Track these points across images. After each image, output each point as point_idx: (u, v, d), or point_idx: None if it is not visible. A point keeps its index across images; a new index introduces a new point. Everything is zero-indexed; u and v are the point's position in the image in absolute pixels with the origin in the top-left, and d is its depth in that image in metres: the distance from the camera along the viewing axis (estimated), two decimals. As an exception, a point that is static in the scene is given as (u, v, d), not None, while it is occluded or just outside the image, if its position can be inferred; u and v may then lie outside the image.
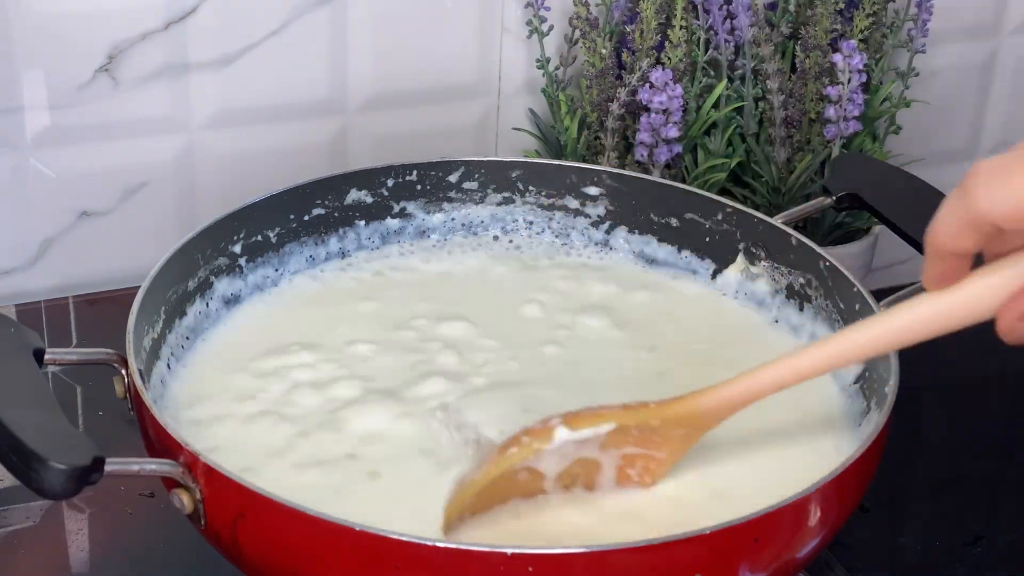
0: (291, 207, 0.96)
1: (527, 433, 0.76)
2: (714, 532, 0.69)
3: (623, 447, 0.77)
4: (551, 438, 0.75)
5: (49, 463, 0.68)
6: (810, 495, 0.72)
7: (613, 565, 0.68)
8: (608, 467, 0.77)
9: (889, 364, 0.81)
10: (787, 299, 0.93)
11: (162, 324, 0.87)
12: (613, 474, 0.77)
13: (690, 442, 0.78)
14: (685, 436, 0.78)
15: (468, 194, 1.01)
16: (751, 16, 1.12)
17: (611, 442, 0.76)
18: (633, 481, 0.78)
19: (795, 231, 0.93)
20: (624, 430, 0.76)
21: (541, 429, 0.76)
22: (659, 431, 0.77)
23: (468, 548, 0.67)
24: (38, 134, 1.09)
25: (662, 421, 0.77)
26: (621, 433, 0.76)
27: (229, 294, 0.93)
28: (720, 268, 0.96)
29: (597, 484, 0.77)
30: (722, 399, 0.77)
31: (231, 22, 1.10)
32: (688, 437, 0.78)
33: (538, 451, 0.75)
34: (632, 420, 0.76)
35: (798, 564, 0.74)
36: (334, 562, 0.70)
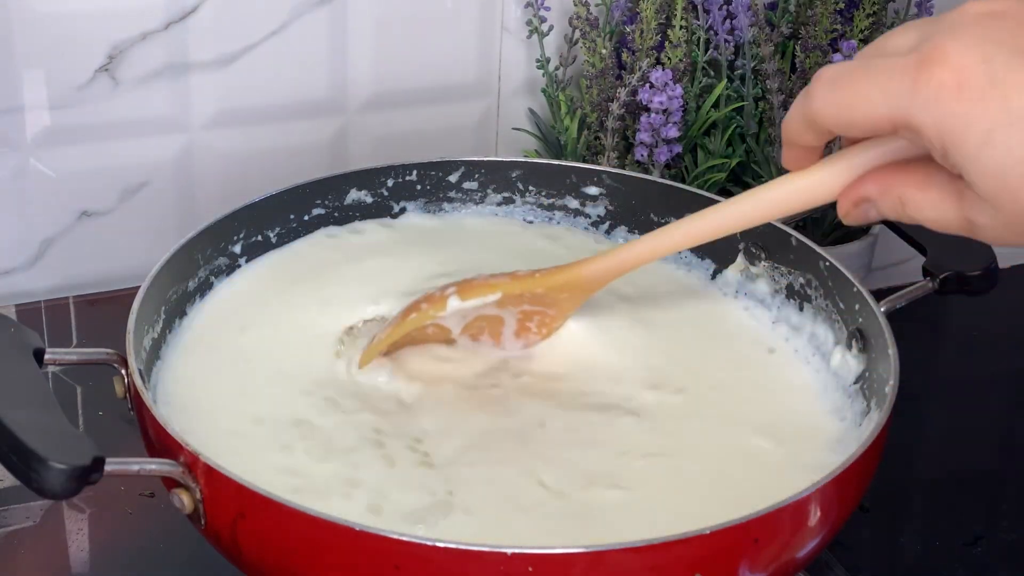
0: (291, 207, 0.96)
1: (425, 300, 0.85)
2: (714, 532, 0.69)
3: (518, 306, 0.85)
4: (445, 306, 0.84)
5: (49, 463, 0.68)
6: (810, 495, 0.72)
7: (613, 564, 0.68)
8: (508, 322, 0.86)
9: (889, 364, 0.81)
10: (787, 299, 0.93)
11: (162, 324, 0.87)
12: (514, 327, 0.87)
13: (576, 304, 0.86)
14: (570, 299, 0.86)
15: (468, 194, 1.01)
16: (751, 16, 1.12)
17: (506, 303, 0.85)
18: (532, 333, 0.87)
19: (795, 231, 0.93)
20: (515, 296, 0.84)
21: (438, 297, 0.85)
22: (546, 296, 0.85)
23: (468, 548, 0.67)
24: (38, 134, 1.09)
25: (546, 288, 0.85)
26: (513, 297, 0.84)
27: None
28: (720, 268, 0.96)
29: (501, 335, 0.87)
30: (601, 267, 0.84)
31: (231, 22, 1.10)
32: (573, 299, 0.86)
33: (434, 317, 0.84)
34: (518, 288, 0.85)
35: (798, 564, 0.74)
36: (334, 562, 0.70)
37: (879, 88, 0.64)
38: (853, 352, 0.86)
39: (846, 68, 0.66)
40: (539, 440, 0.82)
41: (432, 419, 0.83)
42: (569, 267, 0.85)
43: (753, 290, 0.95)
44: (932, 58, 0.62)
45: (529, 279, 0.85)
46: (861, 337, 0.86)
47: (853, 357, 0.86)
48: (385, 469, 0.79)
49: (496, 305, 0.85)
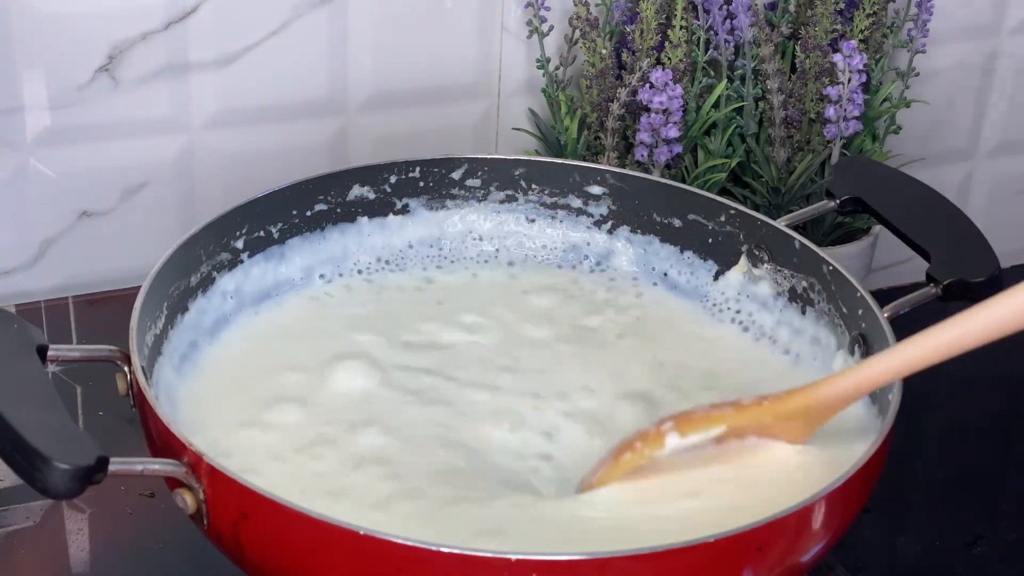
0: (294, 203, 0.96)
1: (641, 438, 0.78)
2: (717, 540, 0.69)
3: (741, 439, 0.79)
4: (663, 445, 0.77)
5: (53, 463, 0.68)
6: (813, 503, 0.71)
7: (617, 571, 0.68)
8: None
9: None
10: (789, 302, 0.93)
11: (164, 320, 0.87)
12: None
13: (809, 432, 0.79)
14: (803, 427, 0.79)
15: (471, 191, 1.01)
16: (751, 16, 1.12)
17: (730, 436, 0.78)
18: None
19: (797, 233, 0.92)
20: (740, 428, 0.78)
21: (654, 434, 0.78)
22: (775, 426, 0.79)
23: (471, 553, 0.67)
24: (38, 134, 1.09)
25: (774, 418, 0.78)
26: (738, 429, 0.78)
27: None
28: (723, 270, 0.96)
29: None
30: (835, 392, 0.78)
31: (231, 22, 1.10)
32: (806, 428, 0.79)
33: (651, 457, 0.77)
34: (744, 421, 0.78)
35: (801, 570, 0.74)
36: (336, 564, 0.70)
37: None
38: (856, 357, 0.86)
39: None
40: None
41: None
42: (801, 392, 0.79)
43: (755, 293, 0.94)
44: None
45: (757, 408, 0.79)
46: (864, 342, 0.86)
47: (856, 362, 0.86)
48: None
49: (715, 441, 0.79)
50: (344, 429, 0.83)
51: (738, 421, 0.78)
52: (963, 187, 1.33)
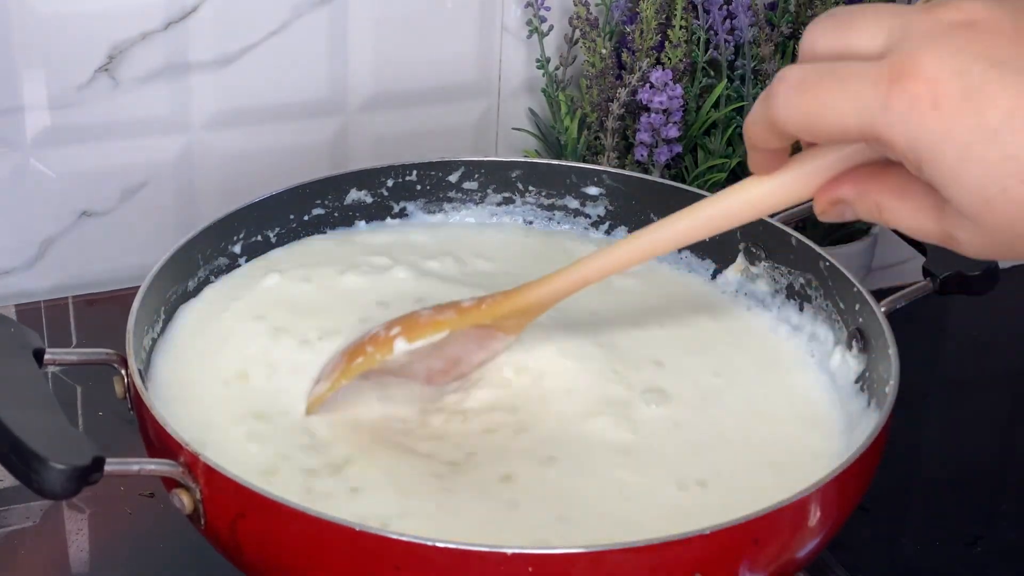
0: (291, 207, 0.96)
1: (370, 342, 0.83)
2: (714, 532, 0.69)
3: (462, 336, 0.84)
4: (392, 349, 0.82)
5: (49, 463, 0.68)
6: (810, 495, 0.72)
7: (613, 564, 0.68)
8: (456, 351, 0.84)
9: (889, 364, 0.81)
10: (787, 299, 0.93)
11: (162, 324, 0.87)
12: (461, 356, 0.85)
13: (522, 327, 0.84)
14: (517, 324, 0.84)
15: (468, 194, 1.01)
16: (751, 16, 1.12)
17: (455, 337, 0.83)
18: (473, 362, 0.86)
19: (795, 231, 0.93)
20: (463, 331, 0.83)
21: (383, 339, 0.82)
22: (494, 325, 0.83)
23: (468, 548, 0.67)
24: (38, 134, 1.09)
25: (492, 319, 0.83)
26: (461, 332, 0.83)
27: None
28: (720, 268, 0.96)
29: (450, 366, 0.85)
30: (547, 292, 0.82)
31: (231, 22, 1.10)
32: (520, 324, 0.84)
33: (381, 361, 0.82)
34: (466, 323, 0.83)
35: (798, 564, 0.74)
36: (334, 562, 0.70)
37: (848, 98, 0.61)
38: (853, 352, 0.86)
39: (812, 72, 0.63)
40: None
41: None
42: (516, 292, 0.83)
43: (753, 290, 0.95)
44: (905, 70, 0.59)
45: (475, 311, 0.83)
46: (861, 337, 0.86)
47: (853, 357, 0.86)
48: None
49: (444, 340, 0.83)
50: (336, 438, 0.83)
51: (460, 324, 0.83)
52: (964, 187, 1.33)
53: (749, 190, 0.71)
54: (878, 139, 0.61)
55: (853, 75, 0.61)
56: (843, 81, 0.61)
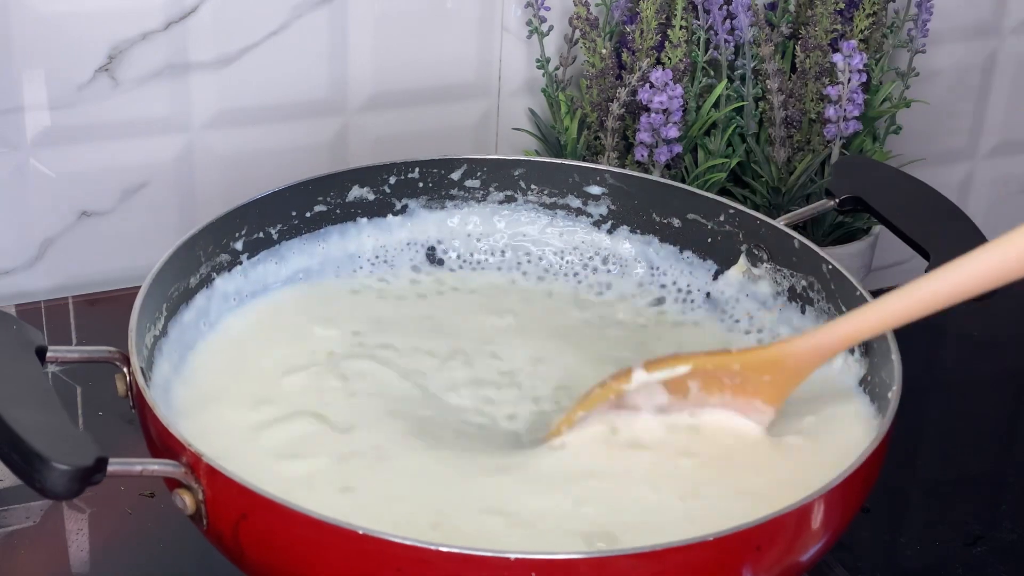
0: (293, 204, 0.96)
1: (611, 376, 0.81)
2: (717, 539, 0.68)
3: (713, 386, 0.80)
4: (630, 379, 0.80)
5: (52, 463, 0.68)
6: (812, 502, 0.71)
7: (616, 571, 0.68)
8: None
9: (892, 369, 0.81)
10: (789, 301, 0.93)
11: (164, 321, 0.87)
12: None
13: (783, 391, 0.80)
14: (776, 384, 0.80)
15: (470, 192, 1.01)
16: (751, 16, 1.12)
17: (698, 377, 0.80)
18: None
19: (797, 233, 0.93)
20: (707, 374, 0.80)
21: (622, 372, 0.80)
22: (744, 376, 0.79)
23: (470, 552, 0.67)
24: (38, 134, 1.09)
25: (742, 365, 0.79)
26: (708, 378, 0.80)
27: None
28: (722, 269, 0.96)
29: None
30: (806, 347, 0.79)
31: (231, 22, 1.10)
32: (779, 385, 0.80)
33: (618, 391, 0.80)
34: (710, 364, 0.80)
35: (800, 568, 0.74)
36: (336, 564, 0.70)
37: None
38: (855, 355, 0.86)
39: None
40: None
41: None
42: (772, 346, 0.80)
43: (755, 292, 0.95)
44: None
45: (726, 355, 0.80)
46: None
47: (855, 361, 0.86)
48: None
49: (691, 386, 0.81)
50: (340, 428, 0.83)
51: (705, 364, 0.80)
52: (963, 187, 1.34)
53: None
54: None
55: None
56: None
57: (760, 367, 0.80)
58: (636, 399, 0.81)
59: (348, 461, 0.80)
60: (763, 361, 0.80)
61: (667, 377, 0.80)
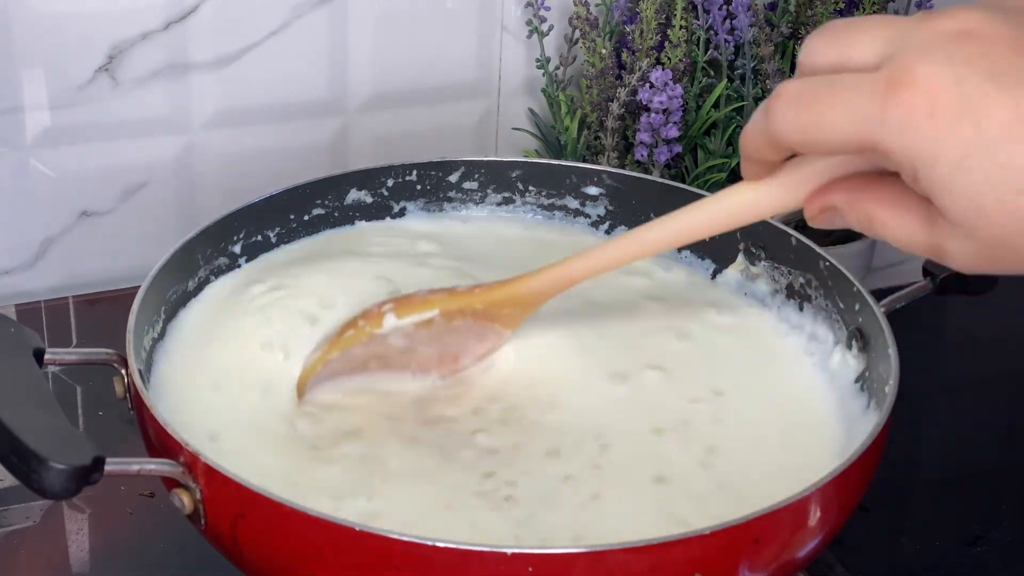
0: (291, 207, 0.96)
1: (362, 316, 0.84)
2: (713, 532, 0.69)
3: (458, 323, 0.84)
4: (382, 323, 0.83)
5: (49, 463, 0.68)
6: (810, 495, 0.71)
7: (613, 564, 0.68)
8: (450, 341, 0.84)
9: (889, 364, 0.81)
10: (787, 299, 0.93)
11: (162, 324, 0.87)
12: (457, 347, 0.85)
13: (518, 320, 0.84)
14: (512, 315, 0.84)
15: (468, 194, 1.01)
16: (751, 16, 1.12)
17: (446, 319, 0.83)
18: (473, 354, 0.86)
19: (795, 231, 0.93)
20: (453, 312, 0.83)
21: (375, 313, 0.83)
22: (485, 312, 0.84)
23: (468, 548, 0.67)
24: (38, 134, 1.09)
25: (486, 304, 0.83)
26: (452, 313, 0.83)
27: None
28: (720, 268, 0.96)
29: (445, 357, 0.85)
30: (542, 282, 0.82)
31: (231, 22, 1.11)
32: (515, 315, 0.84)
33: (371, 334, 0.83)
34: (456, 304, 0.83)
35: (798, 564, 0.74)
36: (334, 562, 0.70)
37: (845, 109, 0.61)
38: (853, 352, 0.86)
39: (809, 86, 0.63)
40: None
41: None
42: (509, 282, 0.83)
43: (753, 290, 0.95)
44: (902, 80, 0.59)
45: (468, 295, 0.84)
46: (861, 337, 0.86)
47: (853, 357, 0.86)
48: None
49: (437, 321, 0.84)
50: (333, 427, 0.83)
51: (451, 305, 0.83)
52: (964, 187, 1.33)
53: (741, 195, 0.72)
54: (875, 149, 0.60)
55: (850, 87, 0.61)
56: (840, 94, 0.61)
57: (501, 302, 0.83)
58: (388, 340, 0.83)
59: (351, 454, 0.80)
60: (503, 297, 0.83)
61: (417, 320, 0.83)
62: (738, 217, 0.73)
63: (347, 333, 0.84)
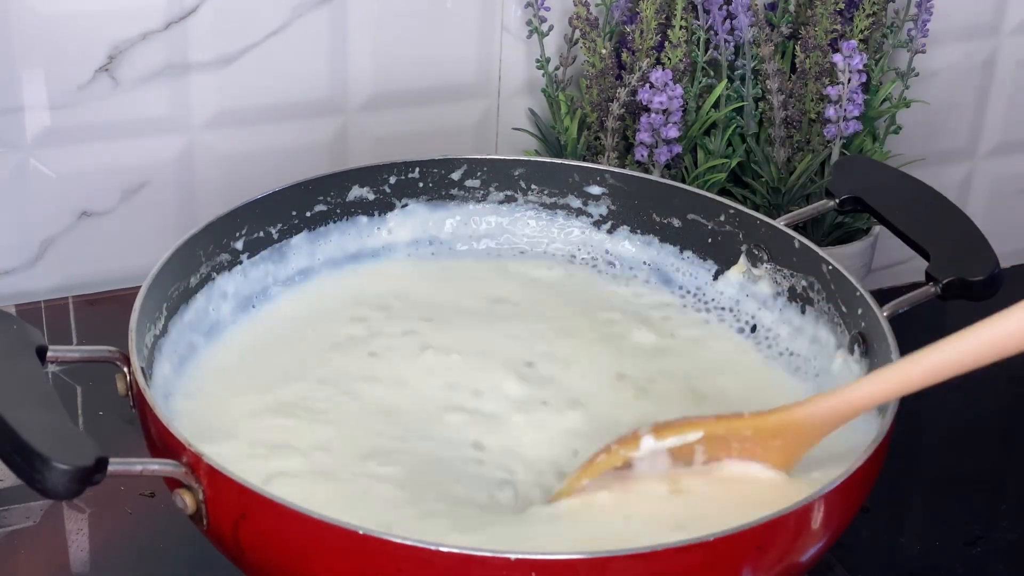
0: (293, 204, 0.96)
1: (617, 441, 0.77)
2: (717, 539, 0.69)
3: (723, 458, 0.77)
4: (638, 446, 0.76)
5: (53, 463, 0.68)
6: (812, 503, 0.71)
7: (616, 571, 0.68)
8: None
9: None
10: (789, 301, 0.93)
11: (164, 321, 0.87)
12: None
13: (794, 456, 0.77)
14: (787, 449, 0.77)
15: (470, 192, 1.01)
16: (751, 16, 1.12)
17: (711, 454, 0.77)
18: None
19: (797, 233, 0.93)
20: (717, 439, 0.76)
21: (630, 436, 0.77)
22: (755, 441, 0.77)
23: (471, 552, 0.67)
24: (38, 134, 1.09)
25: (754, 431, 0.76)
26: (718, 443, 0.76)
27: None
28: (722, 269, 0.96)
29: None
30: (818, 412, 0.76)
31: (231, 22, 1.10)
32: (790, 450, 0.77)
33: (625, 458, 0.77)
34: (722, 429, 0.76)
35: (800, 569, 0.74)
36: (336, 564, 0.70)
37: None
38: (855, 356, 0.86)
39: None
40: None
41: None
42: (785, 409, 0.77)
43: (755, 292, 0.95)
44: None
45: (737, 420, 0.77)
46: (863, 341, 0.86)
47: (855, 361, 0.86)
48: None
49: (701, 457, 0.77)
50: (346, 424, 0.83)
51: (717, 430, 0.77)
52: (963, 187, 1.33)
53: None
54: None
55: None
56: None
57: (773, 432, 0.77)
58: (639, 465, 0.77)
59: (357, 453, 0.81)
60: (777, 426, 0.77)
61: (676, 444, 0.77)
62: None
63: (599, 458, 0.77)
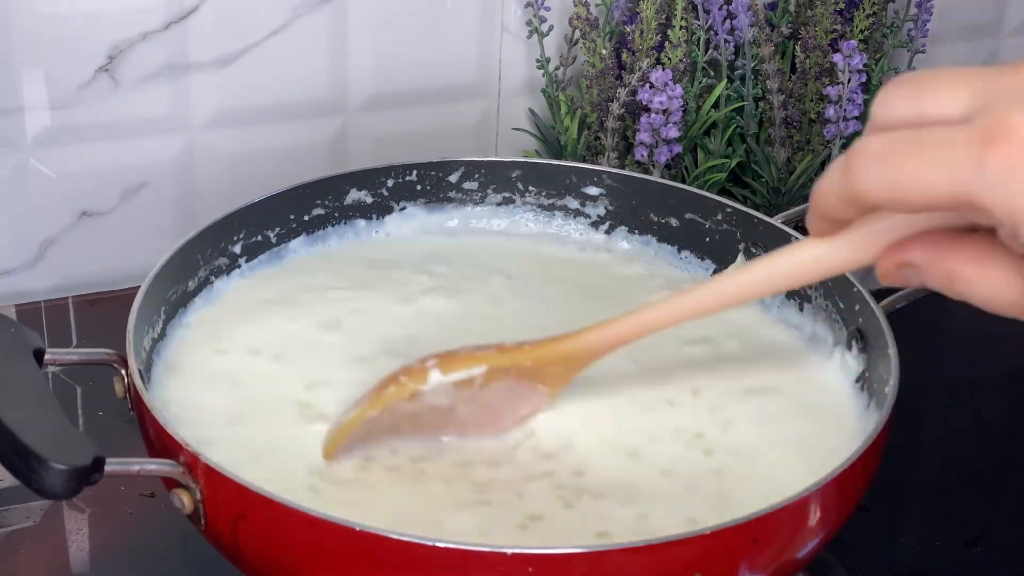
0: (291, 207, 0.96)
1: (404, 372, 0.79)
2: (713, 532, 0.69)
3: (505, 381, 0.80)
4: (426, 379, 0.78)
5: (49, 463, 0.68)
6: (810, 495, 0.72)
7: (613, 565, 0.68)
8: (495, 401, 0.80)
9: (889, 364, 0.81)
10: (787, 299, 0.93)
11: (162, 324, 0.87)
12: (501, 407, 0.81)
13: (567, 379, 0.81)
14: (562, 374, 0.80)
15: (468, 194, 1.01)
16: (751, 16, 1.12)
17: (493, 377, 0.79)
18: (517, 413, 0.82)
19: (795, 231, 0.93)
20: (499, 370, 0.79)
21: (418, 369, 0.78)
22: (535, 371, 0.80)
23: (468, 548, 0.67)
24: (38, 134, 1.09)
25: (535, 362, 0.80)
26: (499, 372, 0.79)
27: None
28: (720, 268, 0.96)
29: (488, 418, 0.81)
30: (594, 340, 0.79)
31: (231, 22, 1.10)
32: (565, 375, 0.81)
33: (414, 391, 0.78)
34: (506, 362, 0.79)
35: (798, 564, 0.74)
36: (334, 563, 0.70)
37: (938, 165, 0.57)
38: (853, 352, 0.86)
39: (894, 142, 0.59)
40: None
41: None
42: (560, 339, 0.79)
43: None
44: (999, 132, 0.55)
45: (517, 351, 0.79)
46: (861, 337, 0.86)
47: (853, 357, 0.86)
48: None
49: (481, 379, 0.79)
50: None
51: (499, 362, 0.79)
52: (964, 187, 1.33)
53: (810, 250, 0.68)
54: (973, 206, 0.57)
55: (942, 142, 0.57)
56: (932, 149, 0.57)
57: (550, 361, 0.80)
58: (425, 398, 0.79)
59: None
60: (553, 355, 0.80)
61: (462, 378, 0.79)
62: (806, 274, 0.69)
63: (388, 389, 0.79)
